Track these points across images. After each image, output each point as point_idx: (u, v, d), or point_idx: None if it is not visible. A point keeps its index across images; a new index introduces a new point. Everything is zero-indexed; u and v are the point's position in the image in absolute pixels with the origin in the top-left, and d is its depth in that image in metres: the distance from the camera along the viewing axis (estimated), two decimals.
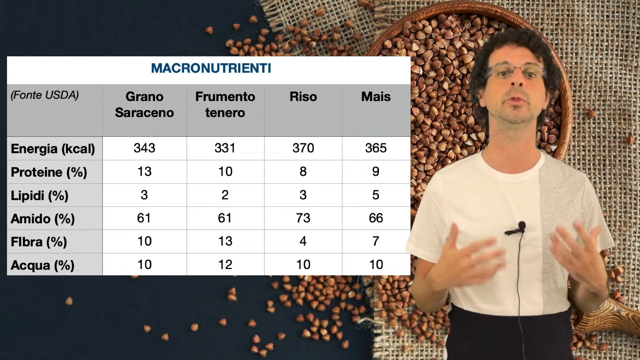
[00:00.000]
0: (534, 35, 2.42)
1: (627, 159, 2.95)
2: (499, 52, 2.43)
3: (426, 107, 2.88)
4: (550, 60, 2.44)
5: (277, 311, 3.02)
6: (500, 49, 2.43)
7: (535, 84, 2.40)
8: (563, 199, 2.42)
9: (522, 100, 2.36)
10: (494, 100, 2.40)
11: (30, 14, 3.02)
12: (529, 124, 2.40)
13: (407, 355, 2.98)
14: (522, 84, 2.37)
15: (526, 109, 2.37)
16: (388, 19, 2.96)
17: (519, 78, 2.37)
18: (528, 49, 2.41)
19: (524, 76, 2.38)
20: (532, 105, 2.38)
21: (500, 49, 2.43)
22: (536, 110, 2.40)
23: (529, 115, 2.38)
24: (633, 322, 2.89)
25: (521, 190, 2.40)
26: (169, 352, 3.01)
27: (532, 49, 2.41)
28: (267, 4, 3.02)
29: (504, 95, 2.38)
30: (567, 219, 2.40)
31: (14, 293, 3.00)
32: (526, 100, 2.37)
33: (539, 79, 2.41)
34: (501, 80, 2.40)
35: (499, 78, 2.40)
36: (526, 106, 2.37)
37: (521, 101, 2.37)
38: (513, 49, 2.41)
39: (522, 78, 2.37)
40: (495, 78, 2.41)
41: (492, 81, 2.42)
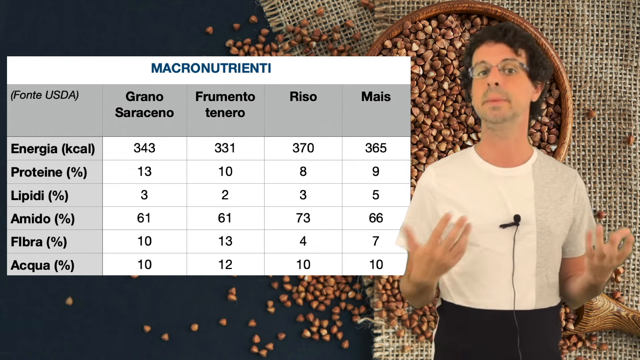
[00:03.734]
0: (510, 29, 2.40)
1: (627, 159, 2.95)
2: (478, 51, 2.41)
3: (426, 107, 2.88)
4: (533, 51, 2.40)
5: (277, 311, 3.02)
6: (479, 48, 2.41)
7: (516, 80, 2.37)
8: (556, 194, 2.42)
9: (500, 100, 2.35)
10: (476, 101, 2.41)
11: (30, 14, 3.02)
12: (513, 121, 2.38)
13: (407, 355, 2.98)
14: (497, 83, 2.35)
15: (507, 108, 2.36)
16: (388, 19, 2.96)
17: (495, 77, 2.35)
18: (505, 45, 2.39)
19: (502, 73, 2.36)
20: (513, 102, 2.36)
21: (479, 48, 2.41)
22: (519, 107, 2.37)
23: (510, 113, 2.36)
24: (633, 322, 2.89)
25: (515, 184, 2.40)
26: (169, 352, 3.01)
27: (508, 43, 2.38)
28: (267, 4, 3.02)
29: (482, 96, 2.37)
30: (561, 214, 2.41)
31: (14, 293, 3.00)
32: (506, 98, 2.35)
33: (520, 73, 2.38)
34: (481, 80, 2.39)
35: (480, 78, 2.39)
36: (506, 105, 2.36)
37: (500, 102, 2.35)
38: (490, 46, 2.39)
39: (499, 76, 2.35)
40: (477, 78, 2.40)
41: (474, 82, 2.41)
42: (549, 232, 2.38)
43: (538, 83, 2.42)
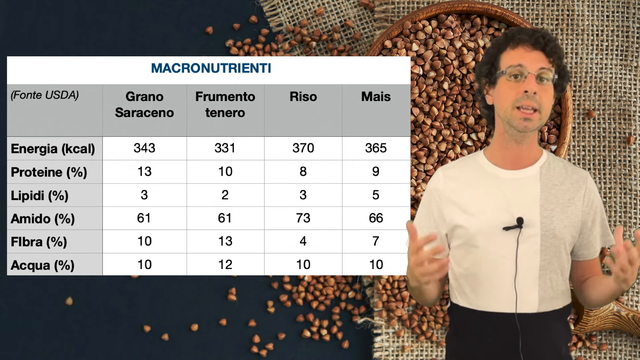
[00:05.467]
0: (551, 40, 2.37)
1: (627, 159, 2.95)
2: (512, 53, 2.38)
3: (426, 107, 2.88)
4: (561, 62, 2.39)
5: (277, 311, 3.02)
6: (515, 49, 2.37)
7: (547, 90, 2.36)
8: (564, 196, 2.41)
9: (532, 112, 2.33)
10: (504, 104, 2.37)
11: (30, 14, 3.02)
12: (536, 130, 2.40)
13: (407, 355, 2.98)
14: (536, 92, 2.33)
15: (537, 120, 2.35)
16: (388, 19, 2.96)
17: (533, 85, 2.33)
18: (543, 54, 2.36)
19: (537, 82, 2.34)
20: (543, 113, 2.35)
21: (515, 49, 2.37)
22: (546, 118, 2.37)
23: (539, 124, 2.36)
24: (633, 322, 2.89)
25: (521, 187, 2.40)
26: (169, 352, 3.01)
27: (547, 54, 2.36)
28: (267, 4, 3.02)
29: (515, 101, 2.34)
30: (568, 217, 2.40)
31: (14, 293, 3.00)
32: (538, 109, 2.34)
33: (550, 84, 2.37)
34: (512, 84, 2.36)
35: (511, 81, 2.36)
36: (537, 116, 2.34)
37: (532, 113, 2.33)
38: (528, 52, 2.36)
39: (536, 85, 2.33)
40: (507, 80, 2.37)
41: (502, 83, 2.38)
42: (553, 235, 2.38)
43: (557, 94, 2.42)
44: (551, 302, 2.39)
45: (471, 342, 2.40)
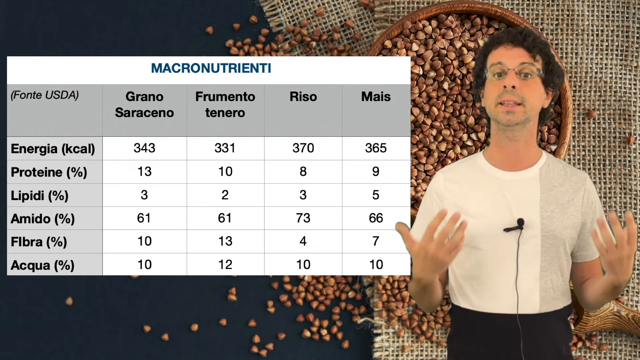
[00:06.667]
0: (530, 34, 2.42)
1: (627, 159, 2.95)
2: (495, 52, 2.43)
3: (426, 107, 2.88)
4: (549, 58, 2.43)
5: (277, 311, 3.02)
6: (497, 49, 2.43)
7: (531, 85, 2.39)
8: (563, 198, 2.42)
9: (515, 105, 2.36)
10: (489, 102, 2.42)
11: (30, 14, 3.02)
12: (525, 125, 2.40)
13: (407, 355, 2.98)
14: (514, 86, 2.36)
15: (521, 113, 2.38)
16: (388, 19, 2.96)
17: (512, 80, 2.37)
18: (523, 49, 2.41)
19: (519, 77, 2.38)
20: (527, 107, 2.38)
21: (497, 49, 2.43)
22: (532, 112, 2.40)
23: (523, 118, 2.38)
24: (633, 322, 2.89)
25: (521, 188, 2.41)
26: (169, 352, 3.01)
27: (527, 48, 2.40)
28: (267, 4, 3.02)
29: (497, 97, 2.39)
30: (567, 218, 2.41)
31: (14, 293, 3.00)
32: (520, 102, 2.37)
33: (536, 78, 2.40)
34: (495, 82, 2.40)
35: (494, 79, 2.41)
36: (520, 109, 2.37)
37: (515, 106, 2.37)
38: (508, 49, 2.41)
39: (516, 80, 2.37)
40: (491, 79, 2.41)
41: (488, 82, 2.42)
42: (553, 236, 2.39)
43: (550, 90, 2.45)
44: (552, 303, 2.40)
45: (472, 344, 2.41)
